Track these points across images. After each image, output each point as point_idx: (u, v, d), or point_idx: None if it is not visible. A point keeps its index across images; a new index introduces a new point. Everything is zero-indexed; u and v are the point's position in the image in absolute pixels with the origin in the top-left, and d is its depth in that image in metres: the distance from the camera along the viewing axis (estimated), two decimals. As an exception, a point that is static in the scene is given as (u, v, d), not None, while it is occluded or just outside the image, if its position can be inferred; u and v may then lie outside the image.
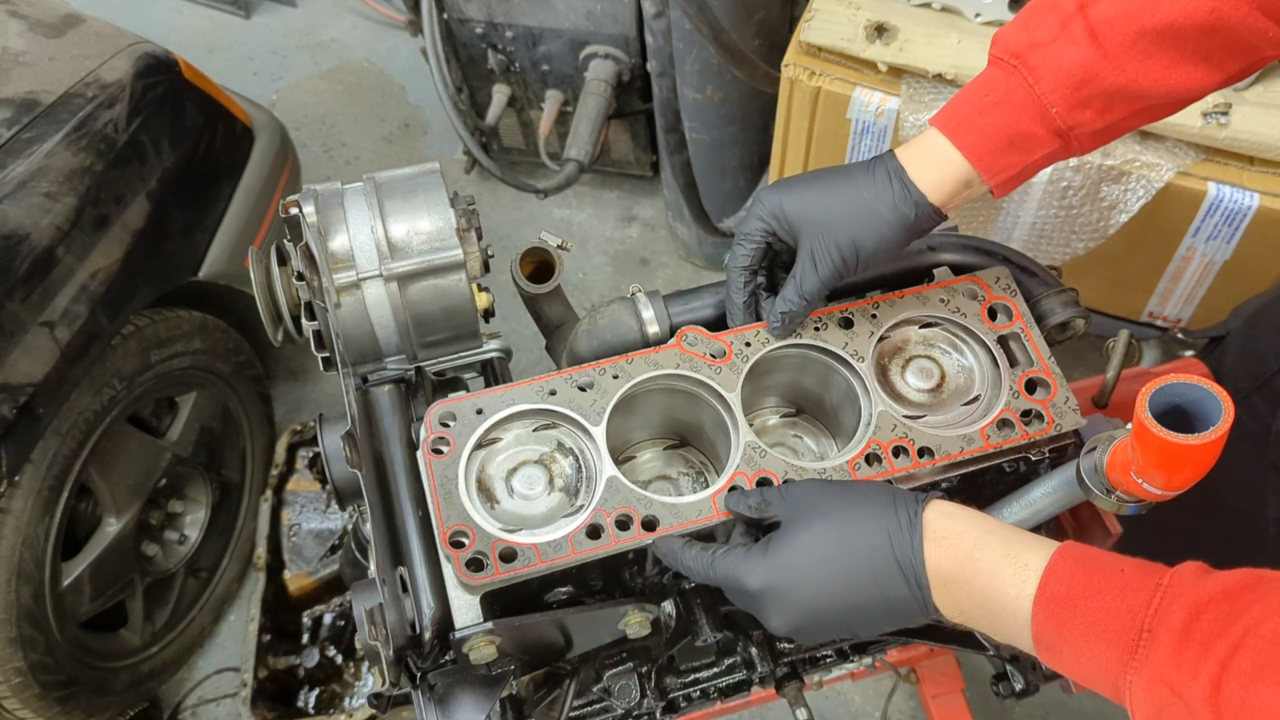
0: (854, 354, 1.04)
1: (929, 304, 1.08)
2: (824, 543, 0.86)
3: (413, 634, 0.90)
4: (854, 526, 0.86)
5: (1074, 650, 0.73)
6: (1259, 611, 0.65)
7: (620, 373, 1.02)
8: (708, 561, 0.91)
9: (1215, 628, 0.65)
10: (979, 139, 0.95)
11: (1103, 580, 0.73)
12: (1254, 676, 0.62)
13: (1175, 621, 0.67)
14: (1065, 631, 0.73)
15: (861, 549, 0.85)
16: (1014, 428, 1.00)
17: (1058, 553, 0.77)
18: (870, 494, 0.88)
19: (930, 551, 0.82)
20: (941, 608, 0.83)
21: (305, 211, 1.01)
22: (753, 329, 1.05)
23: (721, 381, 1.02)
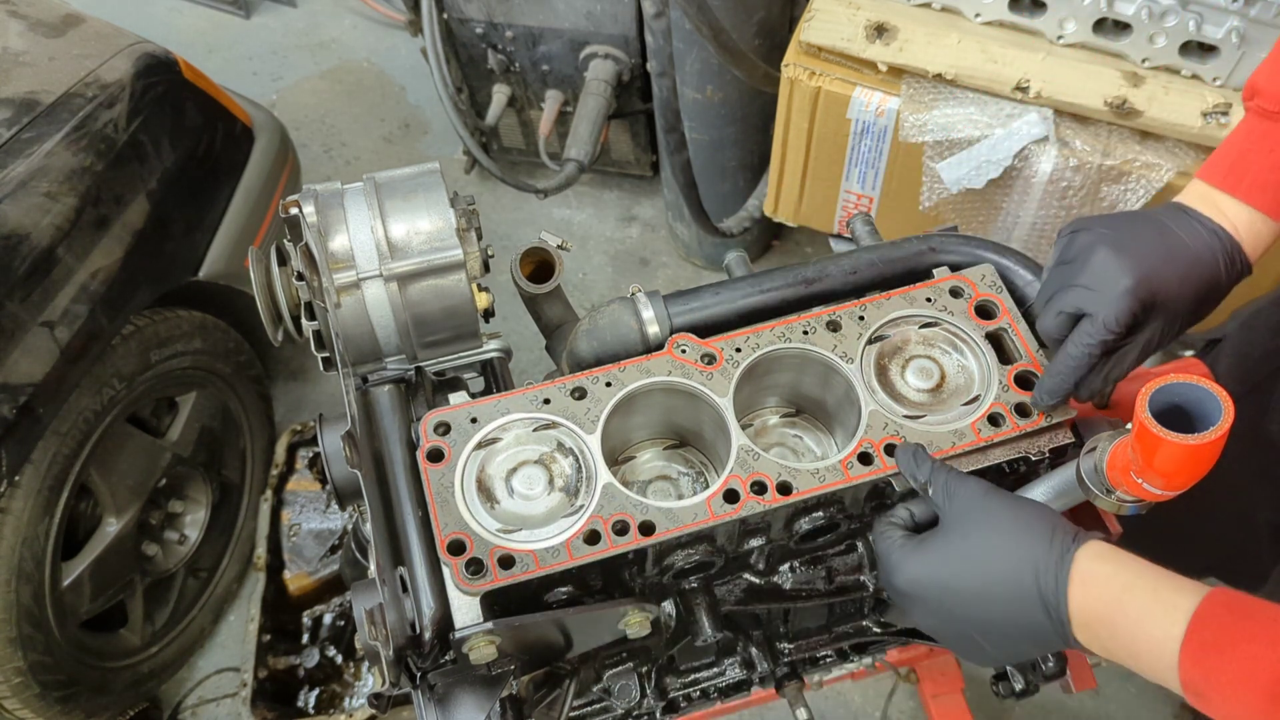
0: (843, 356, 1.05)
1: (915, 303, 1.08)
2: (975, 562, 0.87)
3: (413, 634, 0.90)
4: (1007, 552, 0.86)
5: (1223, 698, 0.73)
6: None
7: (613, 381, 1.03)
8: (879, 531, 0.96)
9: None
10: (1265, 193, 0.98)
11: (1254, 628, 0.72)
12: None
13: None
14: (1213, 678, 0.73)
15: (1009, 576, 0.85)
16: (1005, 422, 1.01)
17: (1208, 597, 0.76)
18: (1030, 521, 0.87)
19: (1075, 593, 0.82)
20: (1085, 643, 0.83)
21: (305, 211, 1.01)
22: (744, 334, 1.06)
23: (713, 388, 1.03)
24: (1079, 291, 0.97)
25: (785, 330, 1.06)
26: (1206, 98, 1.65)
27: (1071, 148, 1.70)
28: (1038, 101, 1.69)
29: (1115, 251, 0.95)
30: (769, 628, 1.26)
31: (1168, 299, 0.96)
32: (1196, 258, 0.98)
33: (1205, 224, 1.00)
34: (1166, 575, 0.81)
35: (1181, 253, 0.98)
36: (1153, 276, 0.95)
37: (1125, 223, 1.00)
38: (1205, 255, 0.98)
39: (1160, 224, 1.00)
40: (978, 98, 1.74)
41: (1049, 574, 0.83)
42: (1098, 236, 0.98)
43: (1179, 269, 0.97)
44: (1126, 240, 0.97)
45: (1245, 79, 1.64)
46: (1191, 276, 0.97)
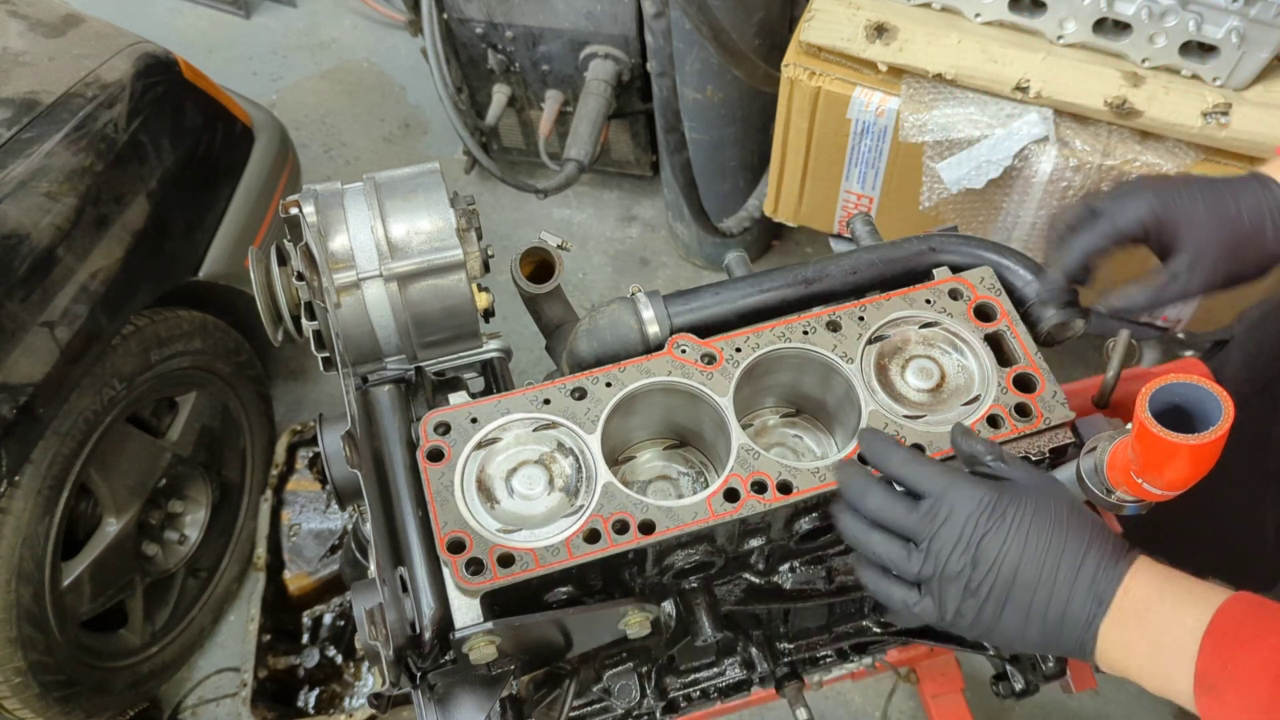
0: (843, 356, 1.05)
1: (915, 305, 1.08)
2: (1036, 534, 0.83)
3: (413, 634, 0.90)
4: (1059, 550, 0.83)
5: (1237, 689, 0.73)
6: None
7: (613, 381, 1.03)
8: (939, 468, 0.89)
9: None
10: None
11: (1271, 621, 0.74)
12: None
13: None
14: (1231, 668, 0.74)
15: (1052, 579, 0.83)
16: (1004, 423, 1.01)
17: (1234, 595, 0.78)
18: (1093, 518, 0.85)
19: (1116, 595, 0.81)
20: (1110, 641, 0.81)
21: (305, 211, 1.01)
22: (744, 334, 1.06)
23: (713, 387, 1.03)
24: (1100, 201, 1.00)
25: (785, 330, 1.06)
26: (1206, 98, 1.65)
27: (1071, 148, 1.70)
28: (1038, 101, 1.69)
29: (1141, 181, 0.98)
30: (769, 628, 1.26)
31: (1194, 230, 0.95)
32: (1236, 201, 0.96)
33: (1261, 179, 0.98)
34: (1198, 580, 0.81)
35: (1219, 196, 0.97)
36: (1178, 203, 0.95)
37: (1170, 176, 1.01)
38: (1248, 202, 0.96)
39: (1211, 179, 0.99)
40: (978, 98, 1.74)
41: (1107, 572, 0.82)
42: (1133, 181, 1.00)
43: (1212, 208, 0.96)
44: (1159, 179, 0.99)
45: (1245, 79, 1.64)
46: (1227, 218, 0.95)
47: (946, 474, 0.87)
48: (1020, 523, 0.83)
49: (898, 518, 0.88)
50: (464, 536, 0.93)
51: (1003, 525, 0.83)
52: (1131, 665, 0.80)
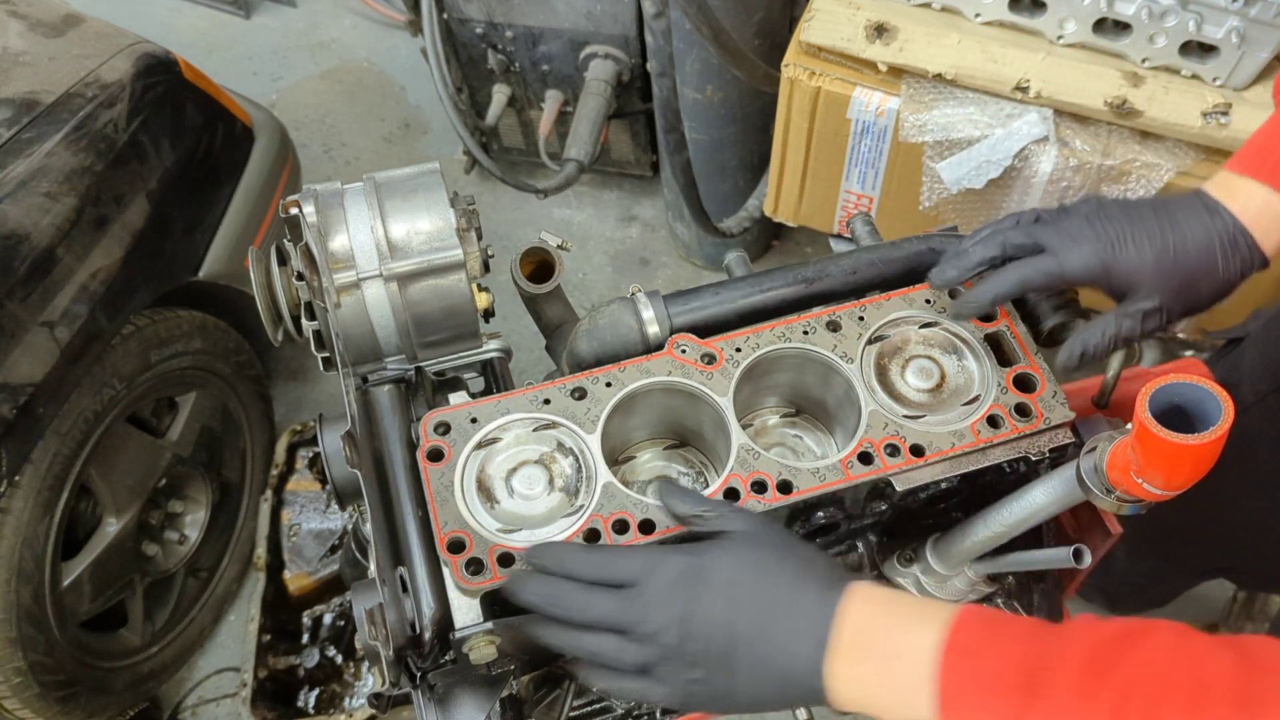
0: (843, 356, 1.05)
1: (915, 304, 1.08)
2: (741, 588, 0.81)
3: (413, 634, 0.90)
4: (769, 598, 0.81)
5: (972, 700, 0.72)
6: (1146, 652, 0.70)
7: (613, 381, 1.03)
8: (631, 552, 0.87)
9: (1109, 663, 0.69)
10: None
11: (1006, 628, 0.75)
12: (1152, 705, 0.66)
13: (1074, 657, 0.70)
14: (969, 683, 0.73)
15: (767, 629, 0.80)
16: (1004, 423, 1.01)
17: (964, 609, 0.77)
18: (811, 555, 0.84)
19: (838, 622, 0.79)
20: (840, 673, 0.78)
21: (305, 211, 1.01)
22: (744, 334, 1.06)
23: (713, 387, 1.03)
24: (1045, 230, 0.99)
25: (785, 330, 1.06)
26: (1206, 98, 1.65)
27: (1071, 148, 1.71)
28: (1038, 101, 1.69)
29: (1094, 215, 0.97)
30: (769, 628, 1.25)
31: (1141, 276, 0.95)
32: (1184, 238, 0.95)
33: (1208, 204, 0.97)
34: (925, 599, 0.82)
35: (1166, 234, 0.96)
36: (1127, 250, 0.95)
37: (1118, 203, 0.99)
38: (1196, 235, 0.95)
39: (1159, 203, 0.98)
40: (978, 98, 1.74)
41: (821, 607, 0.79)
42: (1085, 205, 0.99)
43: (1161, 250, 0.95)
44: (1112, 211, 0.97)
45: (1245, 79, 1.64)
46: (1177, 259, 0.95)
47: (641, 555, 0.85)
48: (724, 581, 0.81)
49: (602, 615, 0.83)
50: (464, 536, 0.93)
51: (707, 589, 0.81)
52: (870, 698, 0.77)
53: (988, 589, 1.10)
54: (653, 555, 0.85)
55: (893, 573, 1.11)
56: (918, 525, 1.12)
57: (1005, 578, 1.13)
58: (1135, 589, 2.03)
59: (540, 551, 0.89)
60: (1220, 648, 0.69)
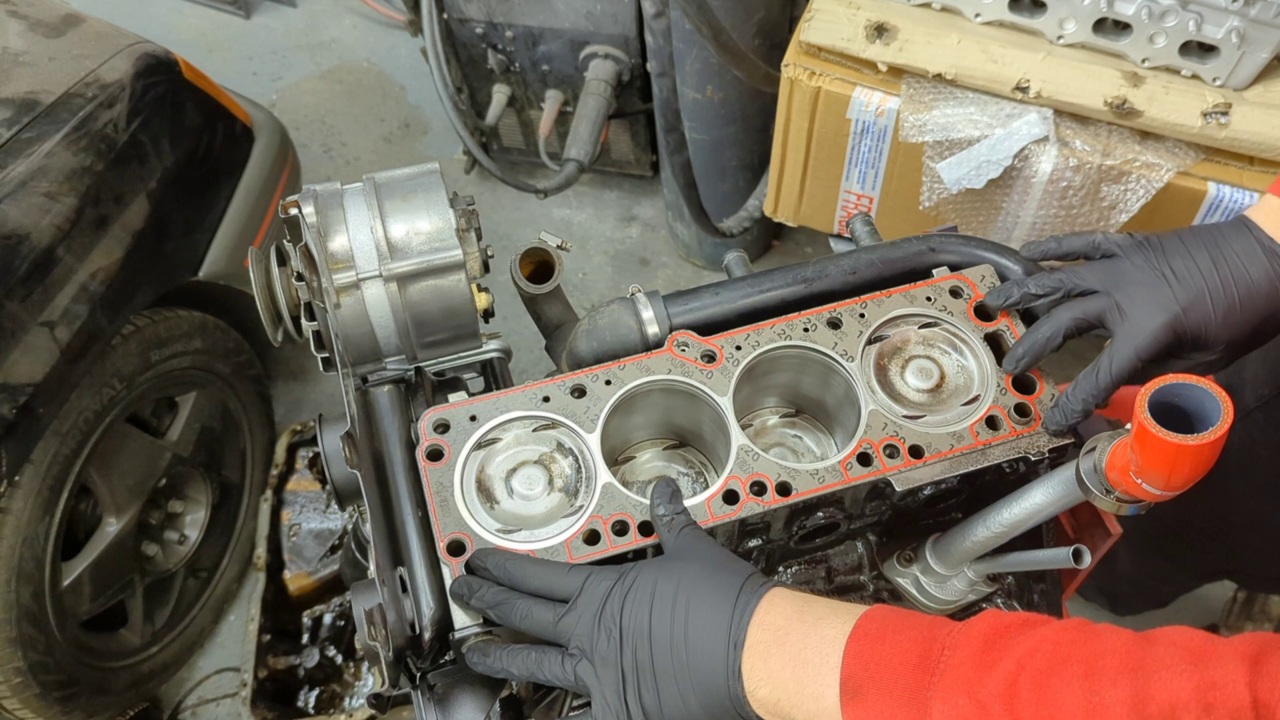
0: (844, 354, 1.05)
1: (915, 302, 1.08)
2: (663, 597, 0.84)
3: (412, 634, 0.90)
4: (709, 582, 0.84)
5: (878, 687, 0.74)
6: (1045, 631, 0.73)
7: (613, 379, 1.03)
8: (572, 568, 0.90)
9: (1008, 641, 0.72)
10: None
11: (911, 619, 0.78)
12: (1046, 673, 0.68)
13: (974, 636, 0.73)
14: (873, 667, 0.75)
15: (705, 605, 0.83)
16: (1002, 424, 1.01)
17: (874, 606, 0.80)
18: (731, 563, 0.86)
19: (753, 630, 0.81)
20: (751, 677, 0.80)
21: (305, 212, 1.01)
22: (744, 332, 1.06)
23: (713, 386, 1.02)
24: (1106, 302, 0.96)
25: (786, 328, 1.06)
26: (1206, 98, 1.64)
27: (1071, 148, 1.70)
28: (1038, 101, 1.69)
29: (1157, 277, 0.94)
30: (769, 628, 1.25)
31: (1210, 333, 0.93)
32: (1251, 285, 0.93)
33: (1264, 242, 0.94)
34: (837, 601, 0.83)
35: (1234, 280, 0.93)
36: (1195, 308, 0.92)
37: (1175, 244, 0.95)
38: (1261, 282, 0.93)
39: (1215, 244, 0.95)
40: (978, 98, 1.74)
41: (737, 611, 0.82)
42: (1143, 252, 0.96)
43: (1227, 299, 0.93)
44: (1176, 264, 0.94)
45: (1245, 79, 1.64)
46: (1245, 306, 0.93)
47: (579, 572, 0.88)
48: (647, 594, 0.84)
49: (541, 623, 0.87)
50: (464, 538, 0.93)
51: (633, 597, 0.84)
52: (781, 697, 0.78)
53: (988, 589, 1.09)
54: (589, 573, 0.88)
55: (892, 573, 1.11)
56: (917, 525, 1.12)
57: (1005, 578, 1.14)
58: (1137, 589, 2.03)
59: (487, 555, 0.91)
60: (1118, 629, 0.72)
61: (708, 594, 0.83)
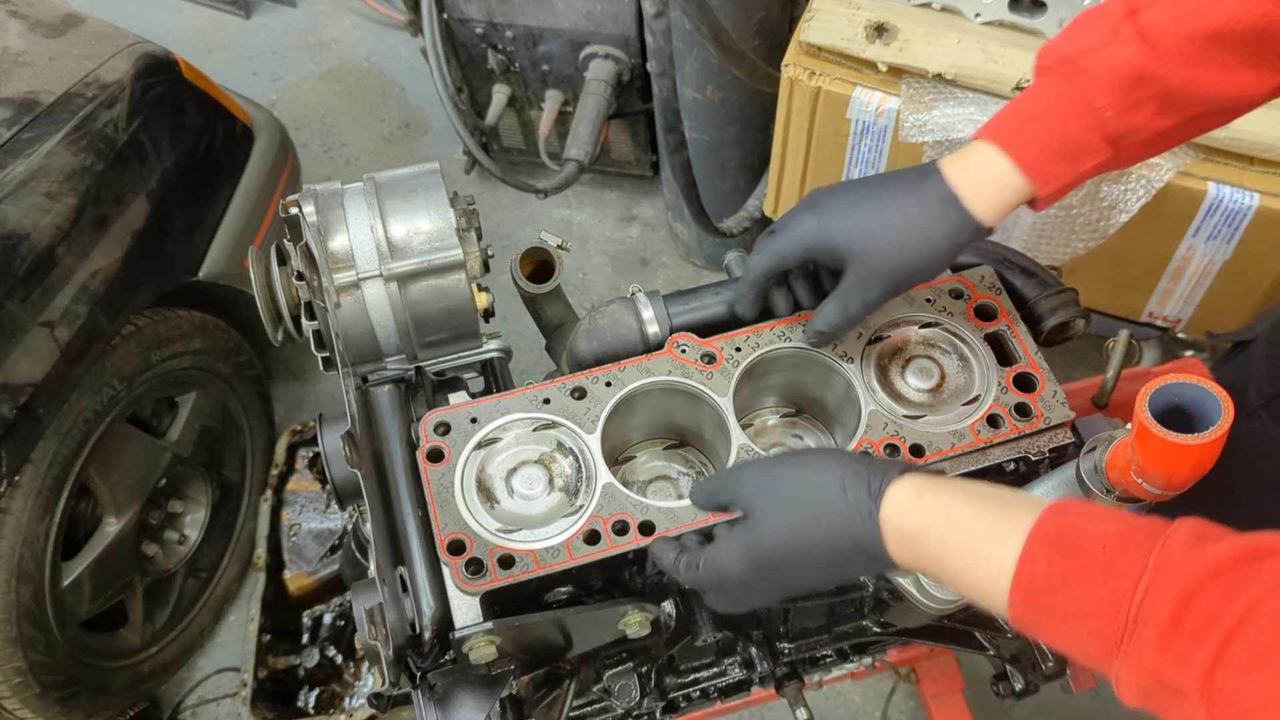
0: (843, 355, 1.05)
1: (915, 304, 1.09)
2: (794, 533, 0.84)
3: (413, 634, 0.90)
4: (819, 513, 0.83)
5: (1056, 638, 0.70)
6: (1255, 592, 0.60)
7: (613, 380, 1.03)
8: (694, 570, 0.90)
9: (1207, 614, 0.60)
10: (1030, 148, 0.93)
11: (1085, 563, 0.68)
12: (1250, 665, 0.58)
13: (1163, 612, 0.62)
14: (1045, 620, 0.70)
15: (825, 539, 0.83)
16: (1004, 423, 1.01)
17: (1033, 536, 0.71)
18: (825, 481, 0.84)
19: (894, 548, 0.80)
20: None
21: (305, 211, 1.01)
22: (744, 333, 1.06)
23: (713, 387, 1.03)
24: (784, 216, 1.02)
25: (785, 329, 1.06)
26: (1206, 98, 1.64)
27: (1071, 148, 1.70)
28: (1038, 101, 1.69)
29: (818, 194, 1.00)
30: (769, 627, 1.26)
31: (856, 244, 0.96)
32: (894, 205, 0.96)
33: (924, 170, 0.97)
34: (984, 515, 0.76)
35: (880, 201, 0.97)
36: (838, 219, 0.97)
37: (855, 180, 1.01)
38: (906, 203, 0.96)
39: (882, 177, 1.00)
40: (978, 98, 1.74)
41: (861, 529, 0.80)
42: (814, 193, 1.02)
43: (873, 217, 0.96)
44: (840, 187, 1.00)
45: (1245, 79, 1.64)
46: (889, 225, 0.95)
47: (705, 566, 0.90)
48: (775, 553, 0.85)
49: None
50: (464, 538, 0.93)
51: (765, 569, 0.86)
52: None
53: (988, 589, 1.09)
54: None
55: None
56: (918, 525, 1.12)
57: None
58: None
59: None
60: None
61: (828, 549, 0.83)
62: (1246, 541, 0.64)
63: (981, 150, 0.95)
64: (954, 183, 0.95)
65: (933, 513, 0.78)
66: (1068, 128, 0.92)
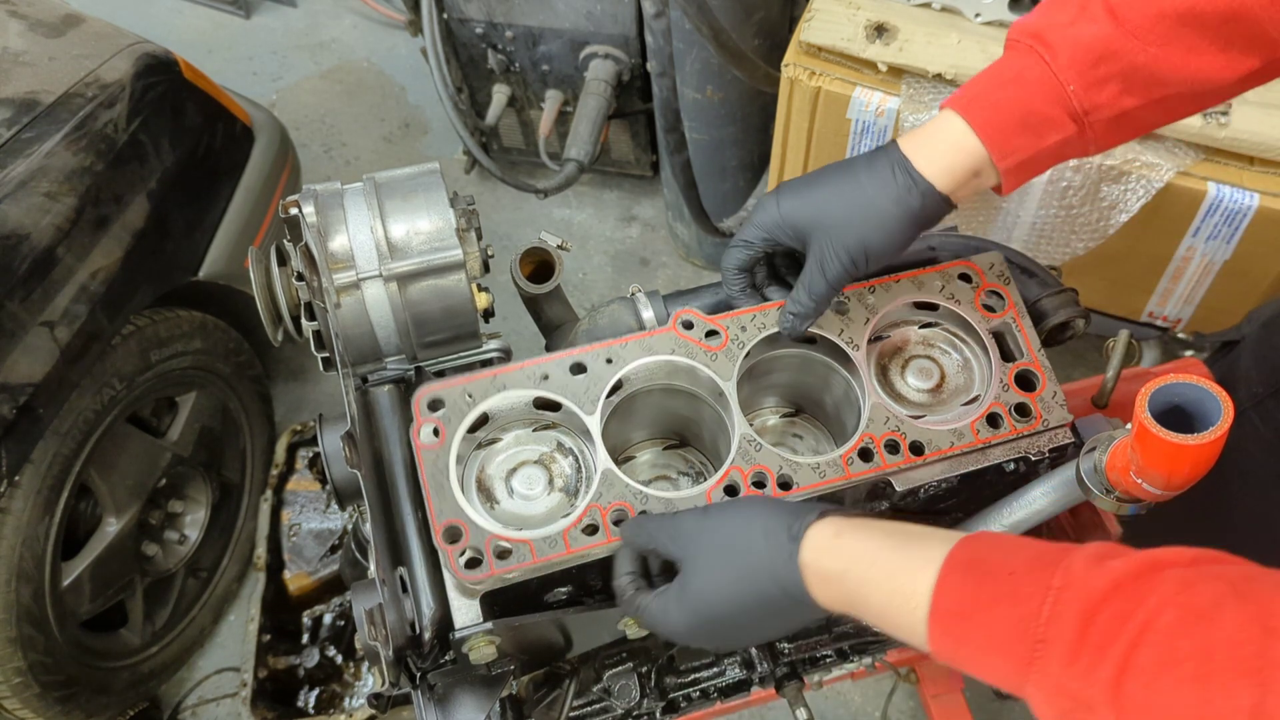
0: (849, 341, 1.04)
1: (925, 288, 1.07)
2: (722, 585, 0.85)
3: (412, 634, 0.90)
4: (742, 563, 0.84)
5: (974, 665, 0.71)
6: (1154, 602, 0.61)
7: (614, 357, 1.00)
8: (634, 607, 0.91)
9: (1110, 627, 0.62)
10: (991, 115, 0.92)
11: (994, 588, 0.69)
12: (1155, 673, 0.59)
13: (1068, 628, 0.63)
14: (961, 648, 0.71)
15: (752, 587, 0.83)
16: (1003, 423, 1.00)
17: (946, 565, 0.73)
18: (748, 529, 0.85)
19: (817, 590, 0.80)
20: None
21: (305, 211, 1.02)
22: (749, 312, 1.04)
23: (717, 370, 1.01)
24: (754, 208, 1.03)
25: None
26: (1206, 98, 1.64)
27: (1071, 148, 1.70)
28: (1038, 101, 1.69)
29: (775, 194, 1.00)
30: (769, 628, 1.25)
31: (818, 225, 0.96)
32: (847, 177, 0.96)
33: (884, 145, 0.98)
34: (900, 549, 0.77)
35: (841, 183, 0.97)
36: (801, 202, 0.97)
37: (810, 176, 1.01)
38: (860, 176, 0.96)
39: (854, 159, 1.00)
40: (978, 98, 1.74)
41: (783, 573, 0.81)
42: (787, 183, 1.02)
43: (833, 198, 0.96)
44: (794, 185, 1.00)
45: (1245, 79, 1.64)
46: (850, 205, 0.95)
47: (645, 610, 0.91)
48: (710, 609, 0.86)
49: None
50: (460, 525, 0.92)
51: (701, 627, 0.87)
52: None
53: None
54: None
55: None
56: (917, 525, 1.12)
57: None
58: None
59: None
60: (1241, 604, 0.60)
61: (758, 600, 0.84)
62: (1145, 556, 0.65)
63: (941, 117, 0.96)
64: (906, 150, 0.95)
65: (851, 551, 0.79)
66: (1032, 99, 0.91)
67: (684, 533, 0.89)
